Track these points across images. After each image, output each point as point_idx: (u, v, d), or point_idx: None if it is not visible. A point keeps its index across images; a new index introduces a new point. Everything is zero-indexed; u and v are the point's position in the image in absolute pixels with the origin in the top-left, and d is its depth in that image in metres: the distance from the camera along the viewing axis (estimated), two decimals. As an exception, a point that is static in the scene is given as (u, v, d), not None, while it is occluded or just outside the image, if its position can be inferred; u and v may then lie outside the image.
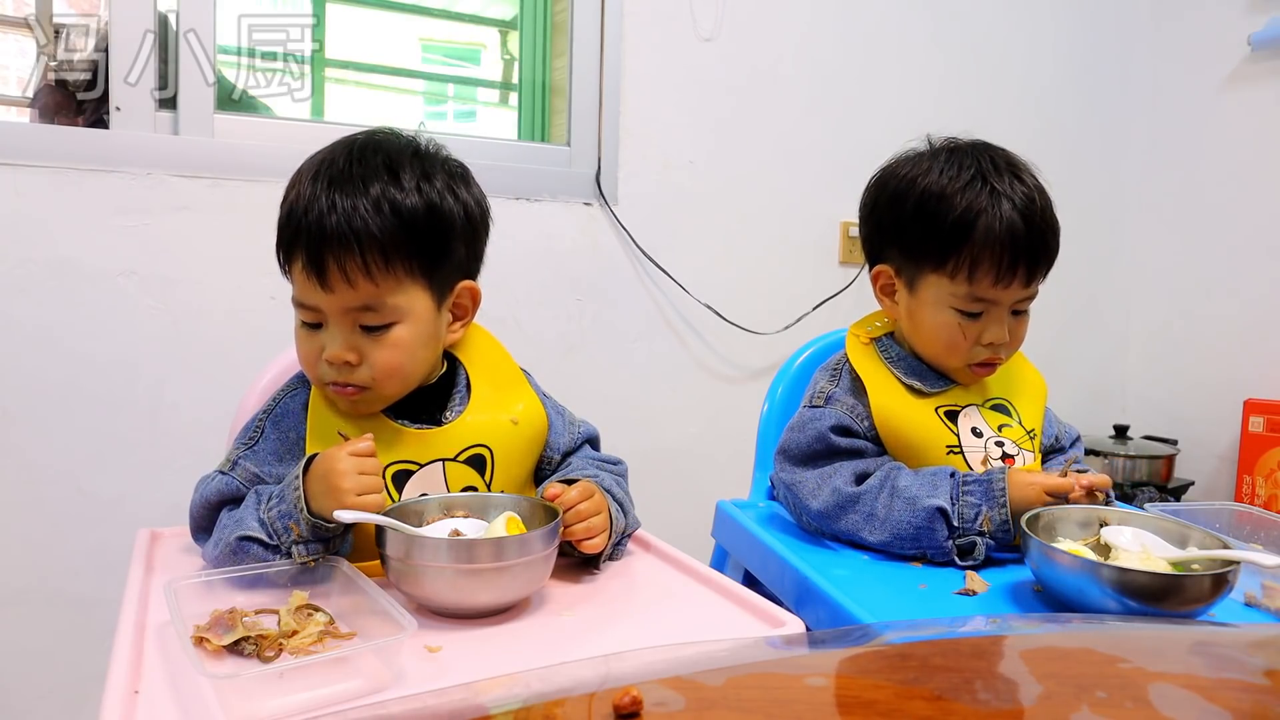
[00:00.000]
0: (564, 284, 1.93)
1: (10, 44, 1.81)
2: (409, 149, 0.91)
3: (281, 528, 0.81)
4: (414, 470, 0.90)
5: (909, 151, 1.11)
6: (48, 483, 1.52)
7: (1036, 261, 1.03)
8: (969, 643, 0.63)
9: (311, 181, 0.86)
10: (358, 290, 0.85)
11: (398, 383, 0.90)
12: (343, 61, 2.28)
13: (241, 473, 0.90)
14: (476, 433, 0.93)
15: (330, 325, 0.87)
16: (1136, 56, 2.68)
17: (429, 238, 0.88)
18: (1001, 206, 1.01)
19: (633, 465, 1.06)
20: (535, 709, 0.49)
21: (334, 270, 0.84)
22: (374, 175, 0.86)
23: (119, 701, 0.61)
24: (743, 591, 0.83)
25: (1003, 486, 0.96)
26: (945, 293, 1.05)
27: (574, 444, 1.02)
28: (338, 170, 0.86)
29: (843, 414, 1.06)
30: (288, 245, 0.87)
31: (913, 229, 1.06)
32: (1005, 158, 1.07)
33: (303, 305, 0.88)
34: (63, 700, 1.55)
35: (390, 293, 0.86)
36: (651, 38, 1.98)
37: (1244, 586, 0.86)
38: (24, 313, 1.49)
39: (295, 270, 0.87)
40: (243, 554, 0.82)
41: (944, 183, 1.04)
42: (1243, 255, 2.46)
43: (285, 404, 0.94)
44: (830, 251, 2.23)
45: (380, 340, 0.87)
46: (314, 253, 0.84)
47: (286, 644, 0.69)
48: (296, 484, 0.82)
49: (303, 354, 0.90)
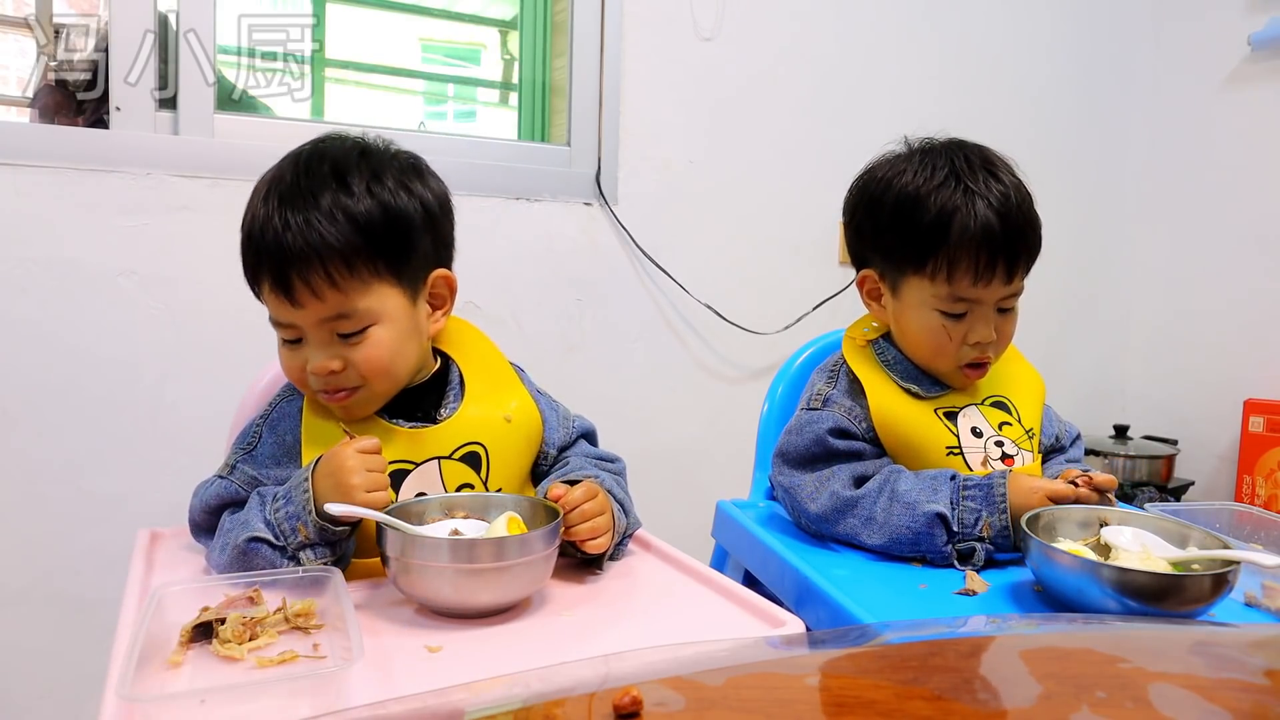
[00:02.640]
0: (564, 284, 1.93)
1: (10, 44, 1.81)
2: (354, 152, 0.91)
3: (289, 529, 0.81)
4: (410, 469, 0.90)
5: (887, 154, 1.11)
6: (48, 482, 1.52)
7: (1016, 258, 1.02)
8: (969, 643, 0.63)
9: (264, 201, 0.86)
10: (326, 302, 0.85)
11: (387, 380, 0.90)
12: (343, 61, 2.28)
13: (240, 477, 0.90)
14: (471, 430, 0.93)
15: (308, 339, 0.88)
16: (1136, 56, 2.68)
17: (388, 238, 0.88)
18: (975, 205, 1.00)
19: (632, 465, 1.06)
20: (535, 709, 0.49)
21: (300, 286, 0.84)
22: (323, 185, 0.86)
23: (119, 702, 0.61)
24: (743, 591, 0.83)
25: (1003, 492, 0.95)
26: (927, 294, 1.04)
27: (569, 439, 1.02)
28: (286, 186, 0.86)
29: (840, 416, 1.06)
30: (252, 268, 0.87)
31: (891, 233, 1.06)
32: (980, 155, 1.06)
33: (279, 324, 0.89)
34: (63, 700, 1.55)
35: (360, 298, 0.86)
36: (651, 38, 1.98)
37: (1244, 586, 0.86)
38: (24, 312, 1.48)
39: (264, 291, 0.87)
40: (252, 555, 0.82)
41: (918, 184, 1.03)
42: (1243, 255, 2.46)
43: (281, 408, 0.94)
44: (830, 251, 2.23)
45: (359, 345, 0.87)
46: (278, 272, 0.84)
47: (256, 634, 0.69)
48: (305, 485, 0.81)
49: (287, 370, 0.91)
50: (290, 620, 0.73)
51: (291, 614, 0.73)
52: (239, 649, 0.68)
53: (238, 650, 0.68)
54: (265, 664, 0.67)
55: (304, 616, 0.73)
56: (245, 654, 0.68)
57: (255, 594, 0.74)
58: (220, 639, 0.68)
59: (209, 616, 0.70)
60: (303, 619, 0.73)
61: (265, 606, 0.73)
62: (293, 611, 0.73)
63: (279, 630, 0.71)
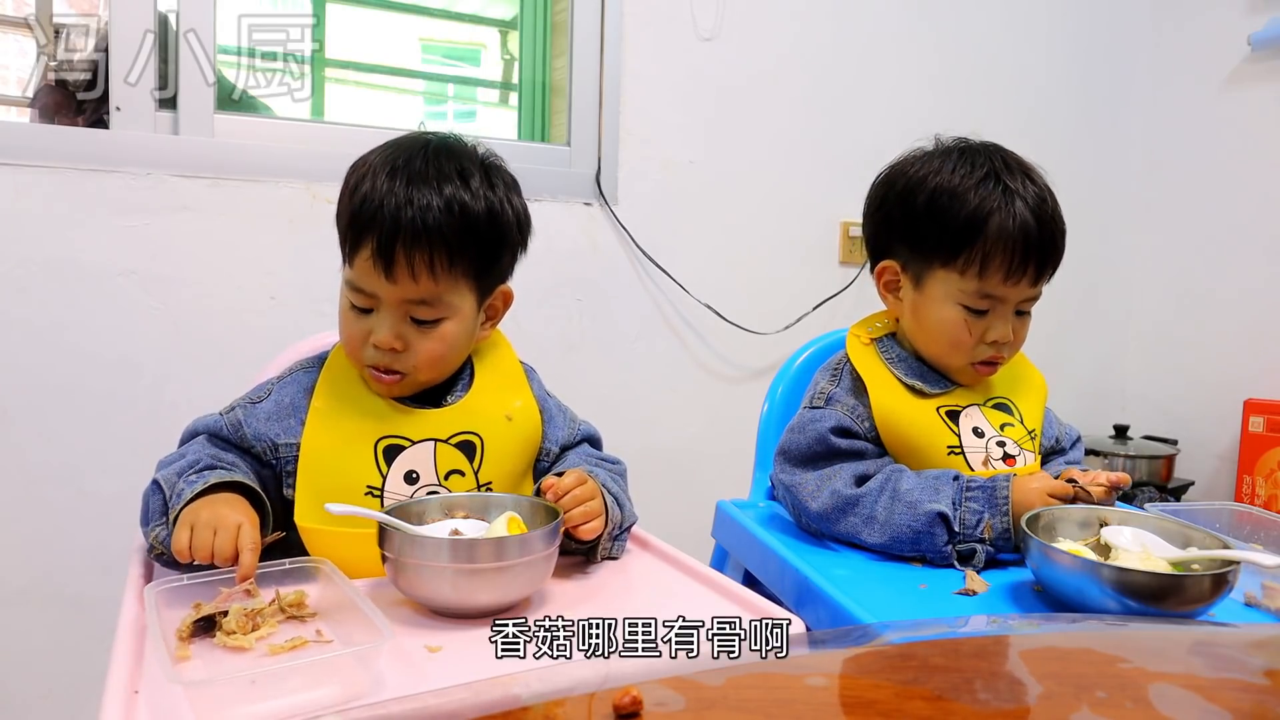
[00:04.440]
0: (564, 284, 1.93)
1: (10, 44, 1.81)
2: (476, 155, 0.96)
3: (174, 501, 0.83)
4: (405, 446, 0.92)
5: (917, 151, 1.12)
6: (48, 482, 1.52)
7: (1046, 261, 1.05)
8: (969, 643, 0.63)
9: (388, 176, 0.89)
10: (420, 284, 0.88)
11: (435, 373, 0.94)
12: (343, 61, 2.28)
13: (231, 419, 0.93)
14: (470, 419, 0.95)
15: (382, 312, 0.90)
16: (1136, 56, 2.68)
17: (487, 242, 0.93)
18: (1015, 205, 1.03)
19: (633, 465, 1.06)
20: (535, 709, 0.49)
21: (401, 262, 0.87)
22: (447, 177, 0.90)
23: (119, 701, 0.61)
24: (743, 591, 0.83)
25: (1006, 494, 0.96)
26: (954, 288, 1.05)
27: (573, 439, 1.04)
28: (415, 169, 0.90)
29: (843, 415, 1.06)
30: (358, 232, 0.89)
31: (924, 224, 1.06)
32: (1016, 159, 1.08)
33: (359, 290, 0.91)
34: (63, 700, 1.55)
35: (447, 290, 0.91)
36: (651, 38, 1.98)
37: (1244, 586, 0.86)
38: (24, 312, 1.48)
39: (360, 257, 0.89)
40: (150, 496, 0.87)
41: (956, 180, 1.05)
42: (1243, 255, 2.46)
43: (297, 374, 0.97)
44: (830, 251, 2.23)
45: (428, 333, 0.91)
46: (385, 243, 0.87)
47: (257, 625, 0.71)
48: (206, 481, 0.84)
49: (348, 335, 0.93)
50: (285, 610, 0.75)
51: (285, 604, 0.75)
52: (246, 639, 0.70)
53: (245, 640, 0.69)
54: (277, 650, 0.69)
55: (297, 606, 0.75)
56: (253, 643, 0.70)
57: (252, 588, 0.75)
58: (225, 630, 0.70)
59: (210, 610, 0.71)
60: (295, 609, 0.75)
61: (262, 599, 0.75)
62: (286, 602, 0.75)
63: (277, 620, 0.74)
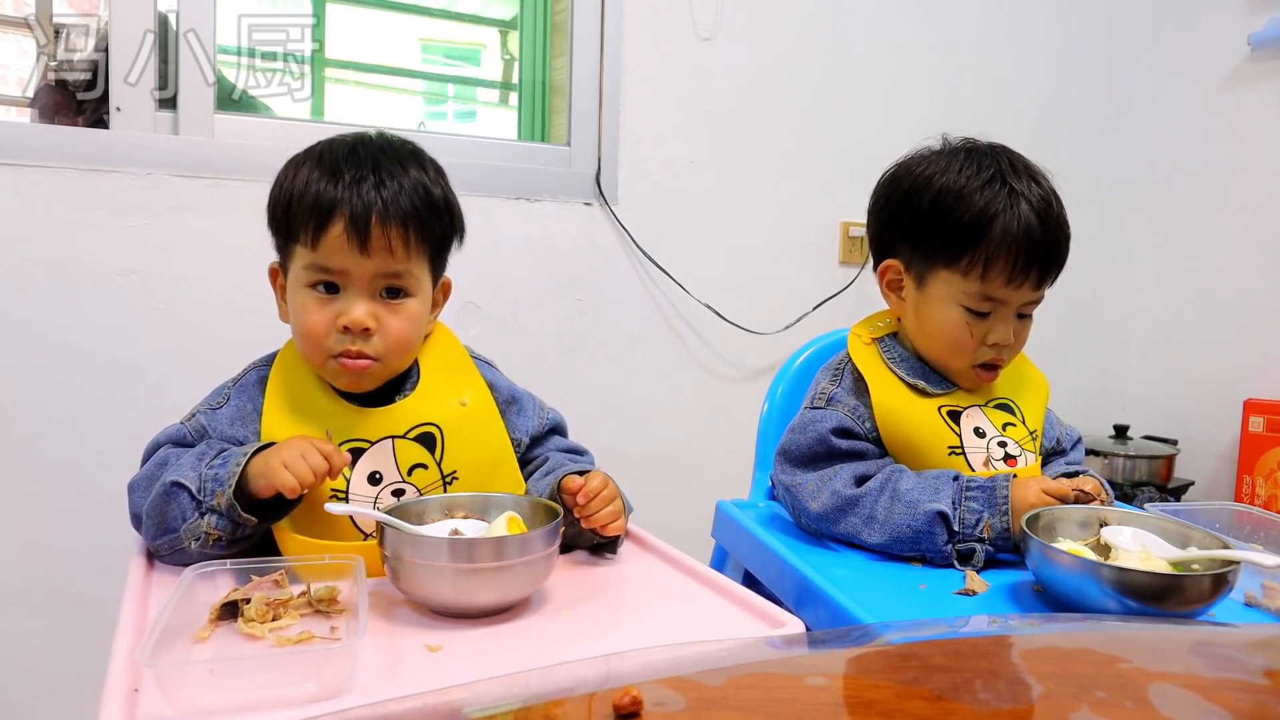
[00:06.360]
0: (564, 284, 1.93)
1: (10, 44, 1.81)
2: (419, 149, 0.98)
3: (210, 490, 0.82)
4: (365, 448, 0.92)
5: (923, 150, 1.12)
6: (48, 483, 1.52)
7: (1049, 264, 1.04)
8: (969, 643, 0.63)
9: (349, 156, 0.91)
10: (394, 256, 0.90)
11: (400, 358, 0.94)
12: (343, 61, 2.28)
13: (194, 425, 0.94)
14: (425, 412, 0.95)
15: (351, 290, 0.90)
16: (1136, 56, 2.68)
17: (444, 226, 0.96)
18: (1020, 207, 1.02)
19: (633, 465, 1.06)
20: (535, 709, 0.49)
21: (377, 235, 0.88)
22: (408, 161, 0.94)
23: (119, 701, 0.61)
24: (743, 591, 0.83)
25: (1005, 494, 0.96)
26: (956, 290, 1.05)
27: (541, 429, 1.04)
28: (377, 149, 0.93)
29: (844, 415, 1.06)
30: (324, 211, 0.88)
31: (928, 224, 1.06)
32: (1023, 161, 1.08)
33: (326, 269, 0.90)
34: (63, 700, 1.55)
35: (415, 265, 0.93)
36: (651, 38, 1.98)
37: (1244, 586, 0.86)
38: (25, 312, 1.49)
39: (329, 235, 0.88)
40: (170, 499, 0.84)
41: (962, 181, 1.04)
42: (1243, 255, 2.46)
43: (251, 375, 0.98)
44: (830, 251, 2.23)
45: (398, 310, 0.92)
46: (358, 218, 0.88)
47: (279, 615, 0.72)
48: (244, 455, 0.83)
49: (310, 324, 0.90)
50: (314, 604, 0.75)
51: (315, 598, 0.76)
52: (261, 628, 0.71)
53: (259, 629, 0.71)
54: (283, 643, 0.69)
55: (327, 601, 0.75)
56: (266, 633, 0.71)
57: (280, 578, 0.77)
58: (245, 618, 0.71)
59: (236, 596, 0.73)
60: (325, 604, 0.75)
61: (290, 590, 0.76)
62: (316, 596, 0.76)
63: (301, 613, 0.74)
